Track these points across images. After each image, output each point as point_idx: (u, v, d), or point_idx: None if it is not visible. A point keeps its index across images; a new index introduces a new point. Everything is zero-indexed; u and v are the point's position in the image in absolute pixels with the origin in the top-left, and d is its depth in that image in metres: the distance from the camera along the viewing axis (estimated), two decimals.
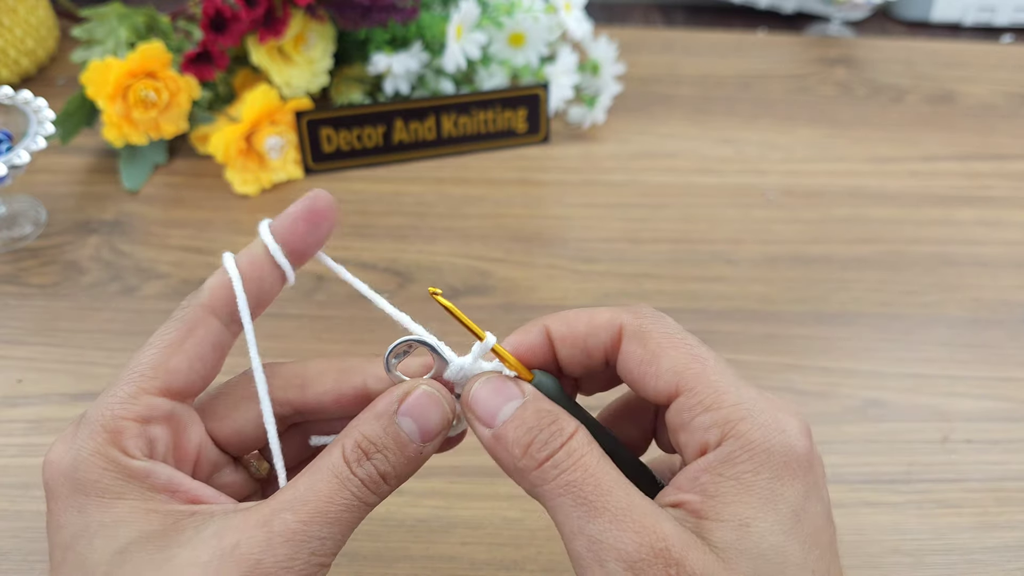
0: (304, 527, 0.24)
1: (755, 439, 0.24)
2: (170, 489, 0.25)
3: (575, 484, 0.24)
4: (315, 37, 0.63)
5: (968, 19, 0.84)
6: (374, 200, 0.60)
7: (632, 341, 0.27)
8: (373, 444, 0.25)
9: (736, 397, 0.25)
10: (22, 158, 0.49)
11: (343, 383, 0.28)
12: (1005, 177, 0.64)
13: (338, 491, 0.25)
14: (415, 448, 0.26)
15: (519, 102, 0.64)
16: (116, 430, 0.25)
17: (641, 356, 0.27)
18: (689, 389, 0.25)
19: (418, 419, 0.26)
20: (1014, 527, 0.40)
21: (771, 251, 0.56)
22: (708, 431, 0.25)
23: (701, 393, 0.25)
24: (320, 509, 0.24)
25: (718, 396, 0.25)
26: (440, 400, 0.27)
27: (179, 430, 0.27)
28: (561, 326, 0.28)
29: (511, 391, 0.26)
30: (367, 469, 0.25)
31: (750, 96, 0.73)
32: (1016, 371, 0.48)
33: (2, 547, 0.38)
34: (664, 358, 0.26)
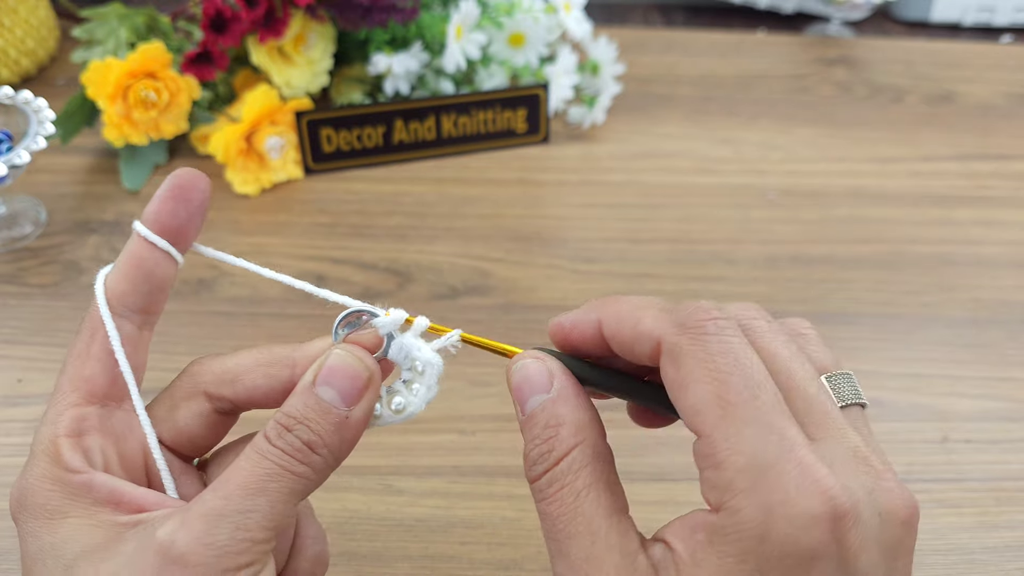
0: (223, 502, 0.24)
1: (749, 520, 0.21)
2: (113, 501, 0.25)
3: (550, 517, 0.24)
4: (315, 37, 0.63)
5: (968, 19, 0.84)
6: (374, 200, 0.60)
7: (667, 362, 0.24)
8: (293, 418, 0.25)
9: (748, 459, 0.21)
10: (22, 158, 0.49)
11: (272, 378, 0.28)
12: (1005, 177, 0.64)
13: (258, 463, 0.24)
14: (338, 414, 0.25)
15: (519, 102, 0.64)
16: (53, 450, 0.26)
17: (673, 380, 0.24)
18: (705, 436, 0.22)
19: (336, 384, 0.26)
20: (1014, 527, 0.40)
21: (771, 251, 0.56)
22: (711, 490, 0.22)
23: (714, 444, 0.22)
24: (240, 482, 0.24)
25: (730, 453, 0.22)
26: (354, 360, 0.26)
27: (119, 438, 0.27)
28: (611, 323, 0.26)
29: (541, 383, 0.26)
30: (288, 439, 0.25)
31: (750, 96, 0.73)
32: (1016, 371, 0.48)
33: (3, 547, 0.38)
34: (690, 391, 0.23)
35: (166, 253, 0.27)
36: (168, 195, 0.27)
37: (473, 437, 0.43)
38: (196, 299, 0.51)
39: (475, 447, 0.43)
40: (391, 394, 0.28)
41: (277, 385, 0.28)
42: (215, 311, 0.50)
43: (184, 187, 0.27)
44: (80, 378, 0.27)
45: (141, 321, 0.28)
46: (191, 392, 0.28)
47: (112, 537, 0.24)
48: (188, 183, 0.27)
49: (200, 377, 0.28)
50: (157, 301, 0.28)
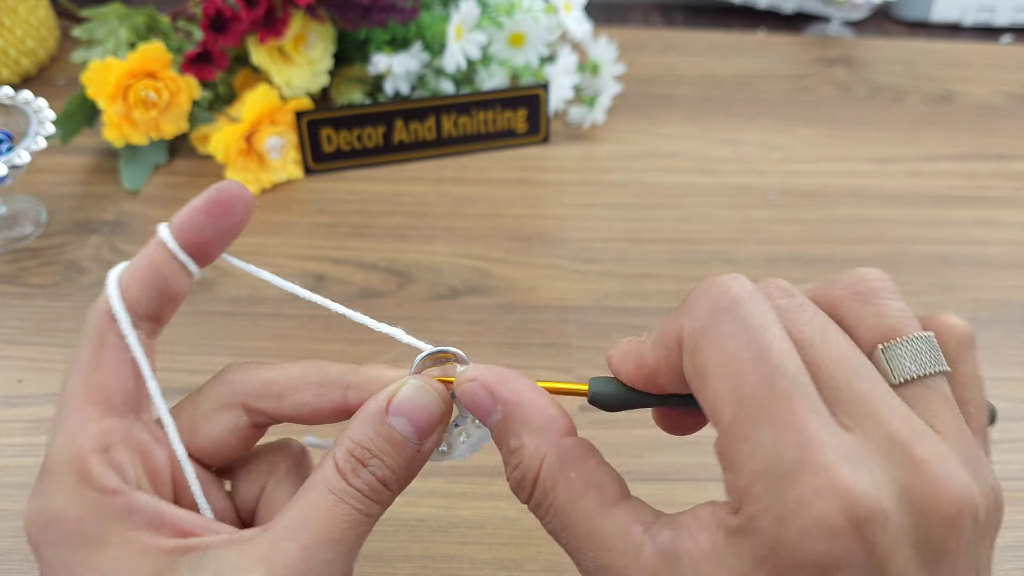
0: (306, 554, 0.22)
1: (763, 529, 0.19)
2: (155, 524, 0.23)
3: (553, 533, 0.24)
4: (315, 37, 0.63)
5: (968, 19, 0.84)
6: (374, 200, 0.60)
7: (687, 354, 0.22)
8: (367, 450, 0.24)
9: (763, 463, 0.19)
10: (23, 158, 0.49)
11: (323, 398, 0.26)
12: (1005, 177, 0.64)
13: (337, 507, 0.23)
14: (412, 447, 0.25)
15: (519, 102, 0.64)
16: (82, 468, 0.23)
17: (692, 375, 0.22)
18: (722, 435, 0.21)
19: (411, 416, 0.25)
20: (1014, 527, 0.40)
21: (771, 251, 0.56)
22: (731, 493, 0.21)
23: (730, 445, 0.20)
24: (321, 532, 0.23)
25: (743, 457, 0.20)
26: (430, 392, 0.25)
27: (145, 452, 0.25)
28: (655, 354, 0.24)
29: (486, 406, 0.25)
30: (365, 477, 0.24)
31: (750, 96, 0.73)
32: (1016, 371, 0.48)
33: (3, 547, 0.38)
34: (707, 386, 0.21)
35: (184, 266, 0.26)
36: (202, 208, 0.26)
37: None
38: (196, 299, 0.51)
39: None
40: None
41: (327, 405, 0.26)
42: (215, 311, 0.50)
43: (221, 203, 0.26)
44: (94, 388, 0.24)
45: (149, 329, 0.26)
46: (227, 403, 0.27)
47: (163, 569, 0.22)
48: (227, 200, 0.26)
49: (239, 387, 0.27)
50: (167, 312, 0.26)
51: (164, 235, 0.26)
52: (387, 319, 0.29)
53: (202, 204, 0.26)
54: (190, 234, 0.26)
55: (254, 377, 0.27)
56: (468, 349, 0.28)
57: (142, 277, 0.26)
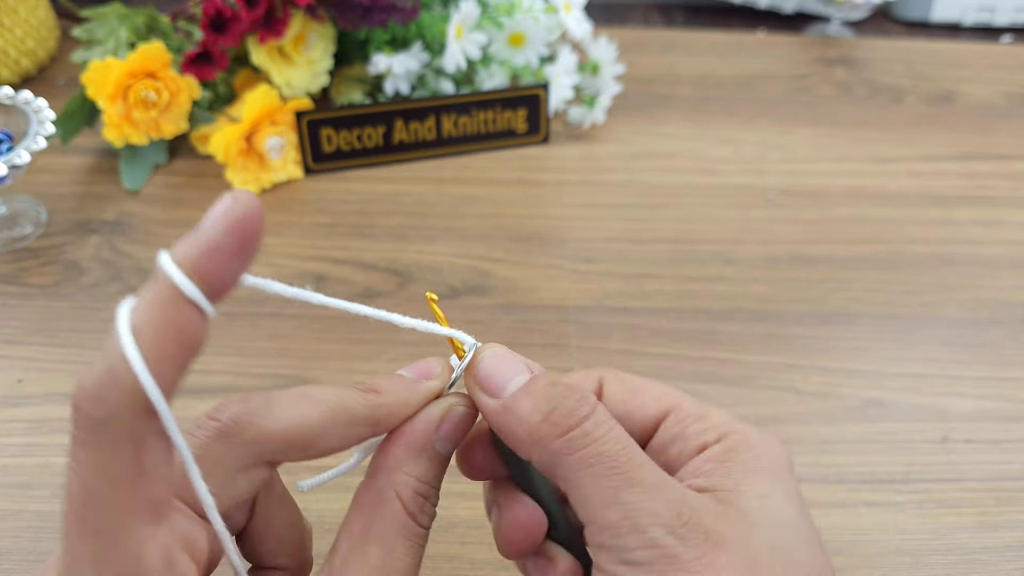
0: None
1: (750, 437, 0.26)
2: None
3: (608, 455, 0.23)
4: (315, 37, 0.63)
5: (968, 19, 0.84)
6: (374, 200, 0.60)
7: (612, 384, 0.29)
8: (429, 485, 0.25)
9: (720, 415, 0.27)
10: (23, 158, 0.49)
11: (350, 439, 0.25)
12: (1005, 177, 0.64)
13: (415, 552, 0.24)
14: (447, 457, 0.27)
15: (519, 102, 0.64)
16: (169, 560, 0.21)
17: (623, 394, 0.28)
18: (678, 407, 0.28)
19: (455, 439, 0.26)
20: (1014, 527, 0.40)
21: (771, 251, 0.56)
22: (705, 434, 0.27)
23: (689, 410, 0.28)
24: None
25: (706, 411, 0.27)
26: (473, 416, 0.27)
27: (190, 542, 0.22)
28: None
29: (519, 367, 0.26)
30: (429, 513, 0.25)
31: (750, 96, 0.73)
32: (1016, 371, 0.48)
33: (3, 547, 0.38)
34: (647, 390, 0.28)
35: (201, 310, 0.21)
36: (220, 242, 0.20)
37: None
38: None
39: None
40: None
41: (355, 444, 0.25)
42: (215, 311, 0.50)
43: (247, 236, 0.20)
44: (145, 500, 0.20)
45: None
46: (251, 463, 0.24)
47: None
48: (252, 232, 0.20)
49: (261, 447, 0.23)
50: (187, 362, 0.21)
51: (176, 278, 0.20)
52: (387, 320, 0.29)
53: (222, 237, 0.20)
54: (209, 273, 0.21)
55: (275, 434, 0.23)
56: None
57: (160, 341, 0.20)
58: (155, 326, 0.19)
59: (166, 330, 0.20)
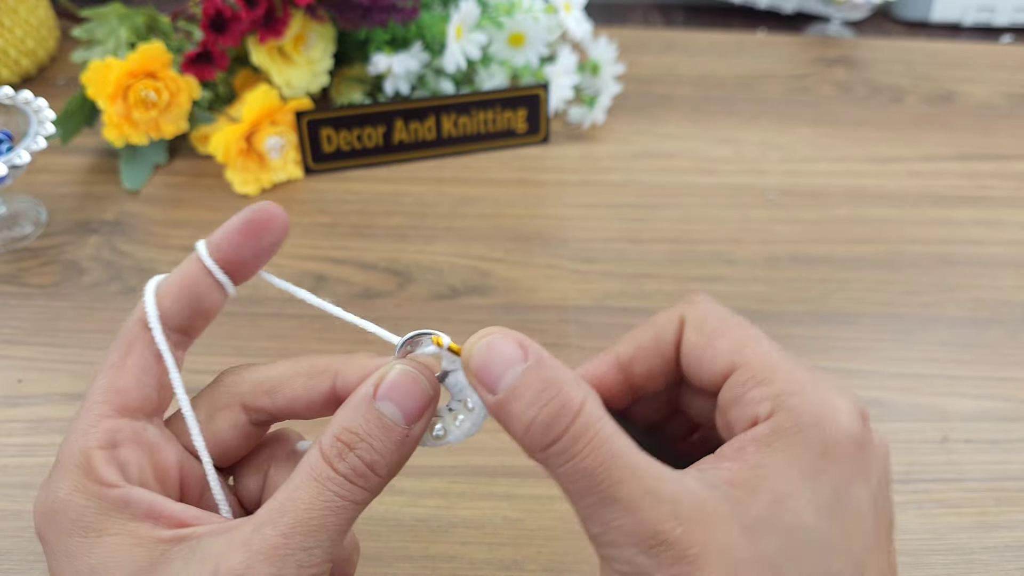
0: (285, 540, 0.23)
1: (806, 412, 0.24)
2: (152, 516, 0.24)
3: (587, 473, 0.23)
4: (315, 37, 0.63)
5: (968, 19, 0.84)
6: (374, 200, 0.60)
7: (691, 329, 0.27)
8: (355, 434, 0.24)
9: (790, 373, 0.25)
10: (23, 158, 0.49)
11: (312, 389, 0.27)
12: (1005, 177, 0.64)
13: (318, 494, 0.23)
14: (400, 431, 0.25)
15: (519, 102, 0.64)
16: (86, 462, 0.24)
17: (697, 341, 0.27)
18: (744, 364, 0.26)
19: (399, 401, 0.25)
20: (1014, 527, 0.40)
21: (771, 251, 0.56)
22: (760, 404, 0.24)
23: (755, 367, 0.25)
24: (300, 518, 0.23)
25: (772, 371, 0.25)
26: (417, 376, 0.25)
27: (153, 451, 0.26)
28: (630, 346, 0.28)
29: (513, 353, 0.24)
30: (351, 461, 0.24)
31: (750, 96, 0.73)
32: (1016, 371, 0.48)
33: (3, 547, 0.38)
34: (720, 339, 0.27)
35: (219, 282, 0.27)
36: (239, 228, 0.27)
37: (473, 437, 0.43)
38: None
39: (475, 447, 0.43)
40: (435, 419, 0.27)
41: (318, 396, 0.27)
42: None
43: (258, 223, 0.27)
44: (113, 390, 0.26)
45: (177, 340, 0.27)
46: (226, 403, 0.28)
47: (156, 557, 0.23)
48: (263, 220, 0.27)
49: (236, 388, 0.28)
50: (198, 326, 0.28)
51: (202, 252, 0.27)
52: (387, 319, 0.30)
53: (238, 224, 0.27)
54: (227, 253, 0.27)
55: (247, 377, 0.28)
56: None
57: (177, 291, 0.27)
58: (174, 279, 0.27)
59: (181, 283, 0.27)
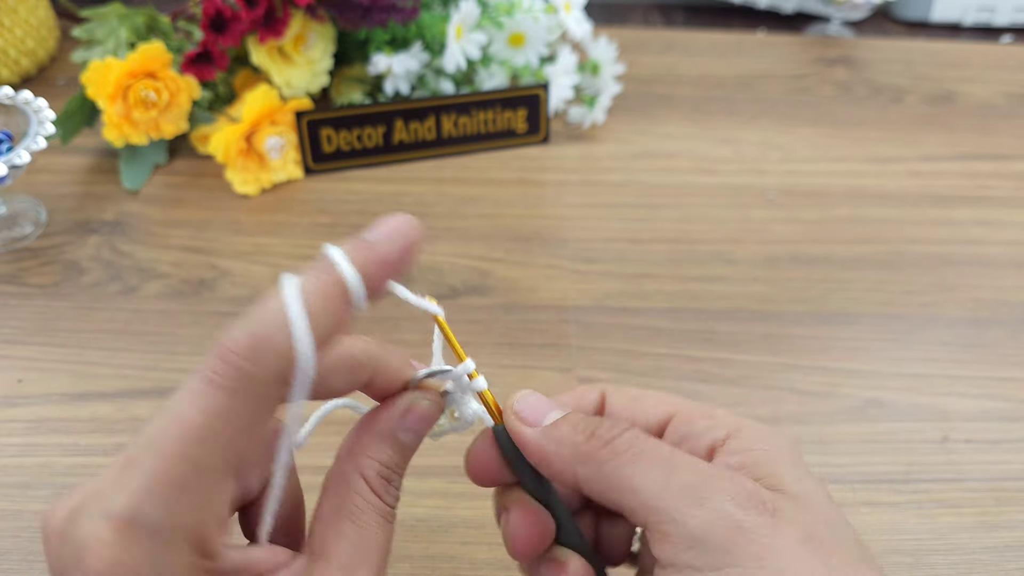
0: None
1: (759, 430, 0.27)
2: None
3: (654, 450, 0.25)
4: (315, 37, 0.63)
5: (968, 19, 0.84)
6: (374, 200, 0.60)
7: (615, 396, 0.30)
8: (391, 470, 0.26)
9: (722, 411, 0.28)
10: (22, 158, 0.49)
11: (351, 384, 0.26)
12: (1005, 177, 0.64)
13: (384, 528, 0.25)
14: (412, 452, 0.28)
15: (519, 102, 0.64)
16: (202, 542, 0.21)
17: (626, 403, 0.30)
18: (681, 411, 0.28)
19: (416, 430, 0.27)
20: (1014, 527, 0.40)
21: (771, 251, 0.56)
22: (713, 431, 0.27)
23: (694, 411, 0.28)
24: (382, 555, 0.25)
25: (709, 411, 0.28)
26: (437, 413, 0.28)
27: None
28: None
29: (554, 404, 0.28)
30: (393, 494, 0.26)
31: (750, 96, 0.73)
32: (1016, 371, 0.48)
33: (2, 547, 0.38)
34: (649, 398, 0.30)
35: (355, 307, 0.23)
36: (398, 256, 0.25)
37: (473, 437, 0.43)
38: (196, 299, 0.51)
39: None
40: None
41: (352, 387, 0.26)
42: (215, 311, 0.50)
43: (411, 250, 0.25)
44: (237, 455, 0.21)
45: None
46: None
47: None
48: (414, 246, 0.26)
49: None
50: None
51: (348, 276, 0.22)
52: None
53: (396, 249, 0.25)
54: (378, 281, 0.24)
55: None
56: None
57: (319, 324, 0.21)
58: (320, 310, 0.21)
59: (327, 317, 0.21)
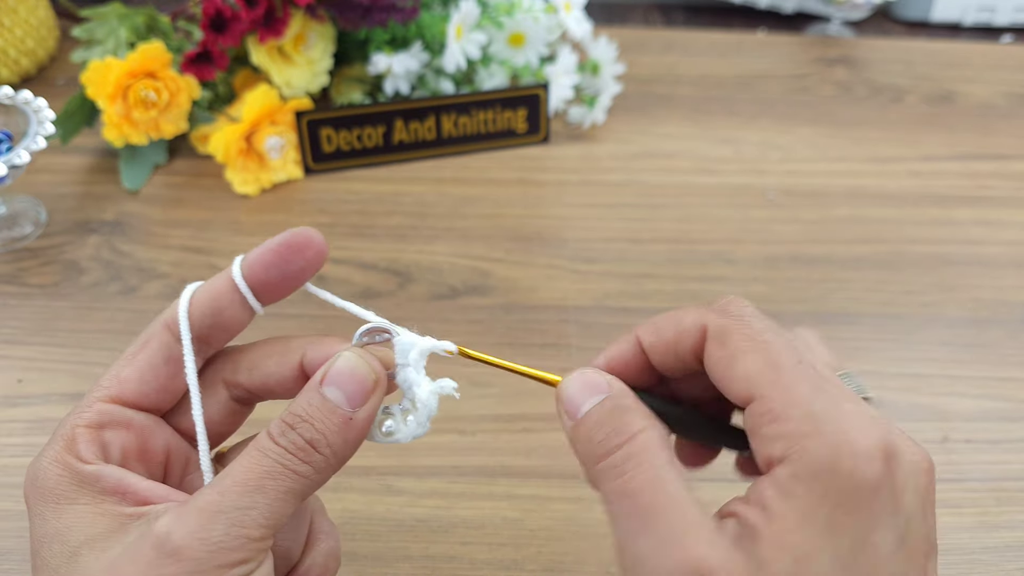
0: (220, 497, 0.24)
1: (820, 459, 0.23)
2: (119, 491, 0.26)
3: (630, 495, 0.23)
4: (315, 37, 0.63)
5: (968, 19, 0.84)
6: (374, 200, 0.60)
7: (713, 342, 0.26)
8: (298, 416, 0.25)
9: (807, 408, 0.24)
10: (22, 158, 0.49)
11: (283, 366, 0.29)
12: (1005, 177, 0.64)
13: (259, 461, 0.25)
14: (343, 415, 0.26)
15: (519, 102, 0.64)
16: (71, 437, 0.26)
17: (720, 358, 0.26)
18: (761, 396, 0.24)
19: (343, 386, 0.26)
20: (1014, 527, 0.40)
21: (771, 251, 0.56)
22: (774, 443, 0.24)
23: (772, 400, 0.24)
24: (239, 479, 0.24)
25: (788, 406, 0.24)
26: (363, 363, 0.26)
27: (142, 434, 0.28)
28: (651, 335, 0.28)
29: (599, 386, 0.26)
30: (290, 437, 0.25)
31: (750, 96, 0.73)
32: (1016, 371, 0.48)
33: (4, 547, 0.38)
34: (740, 362, 0.25)
35: (244, 299, 0.28)
36: (272, 249, 0.28)
37: (473, 437, 0.44)
38: None
39: (475, 447, 0.43)
40: (386, 415, 0.28)
41: (288, 373, 0.28)
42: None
43: (292, 247, 0.28)
44: (116, 378, 0.27)
45: (196, 348, 0.28)
46: (211, 381, 0.29)
47: (115, 527, 0.25)
48: (298, 244, 0.28)
49: (219, 367, 0.29)
50: (218, 337, 0.29)
51: (234, 268, 0.28)
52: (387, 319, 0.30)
53: (273, 245, 0.28)
54: (257, 272, 0.28)
55: (230, 356, 0.29)
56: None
57: (203, 300, 0.28)
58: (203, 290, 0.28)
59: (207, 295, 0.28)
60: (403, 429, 0.28)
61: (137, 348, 0.28)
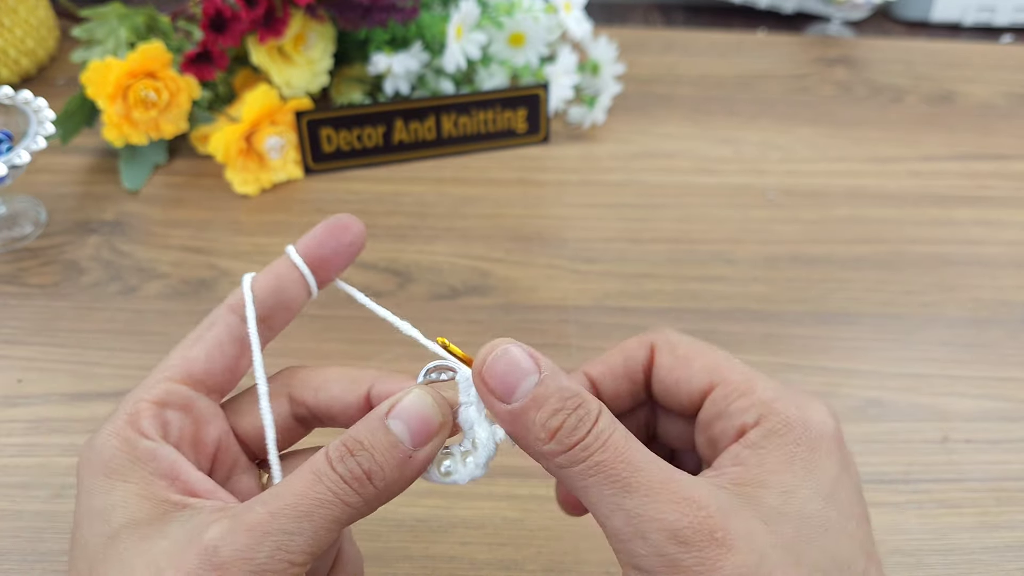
0: (271, 518, 0.23)
1: (792, 416, 0.26)
2: (171, 475, 0.26)
3: (605, 464, 0.24)
4: (315, 37, 0.63)
5: (968, 19, 0.84)
6: (374, 200, 0.60)
7: (663, 353, 0.30)
8: (359, 442, 0.25)
9: (765, 384, 0.28)
10: (22, 158, 0.49)
11: (350, 392, 0.29)
12: (1005, 177, 0.64)
13: (312, 486, 0.24)
14: (404, 450, 0.25)
15: (519, 102, 0.64)
16: (135, 412, 0.27)
17: (672, 363, 0.30)
18: (723, 381, 0.28)
19: (408, 422, 0.25)
20: (1014, 527, 0.40)
21: (771, 251, 0.56)
22: (746, 412, 0.27)
23: (735, 382, 0.28)
24: (290, 502, 0.24)
25: (750, 384, 0.28)
26: (431, 402, 0.26)
27: (199, 421, 0.28)
28: (598, 366, 0.31)
29: (528, 365, 0.25)
30: (348, 465, 0.24)
31: (750, 96, 0.73)
32: (1016, 371, 0.48)
33: (2, 547, 0.38)
34: (696, 360, 0.29)
35: (303, 279, 0.30)
36: (322, 229, 0.30)
37: None
38: (196, 299, 0.51)
39: None
40: (445, 455, 0.27)
41: (353, 401, 0.29)
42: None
43: (339, 226, 0.30)
44: (184, 358, 0.28)
45: (260, 331, 0.30)
46: (277, 392, 0.30)
47: (159, 515, 0.25)
48: (344, 224, 0.31)
49: (287, 380, 0.30)
50: (279, 317, 0.30)
51: (291, 251, 0.30)
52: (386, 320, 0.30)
53: (321, 226, 0.30)
54: (312, 248, 0.30)
55: (299, 373, 0.30)
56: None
57: (265, 283, 0.30)
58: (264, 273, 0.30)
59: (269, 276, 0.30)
60: (461, 470, 0.27)
61: (202, 330, 0.29)
